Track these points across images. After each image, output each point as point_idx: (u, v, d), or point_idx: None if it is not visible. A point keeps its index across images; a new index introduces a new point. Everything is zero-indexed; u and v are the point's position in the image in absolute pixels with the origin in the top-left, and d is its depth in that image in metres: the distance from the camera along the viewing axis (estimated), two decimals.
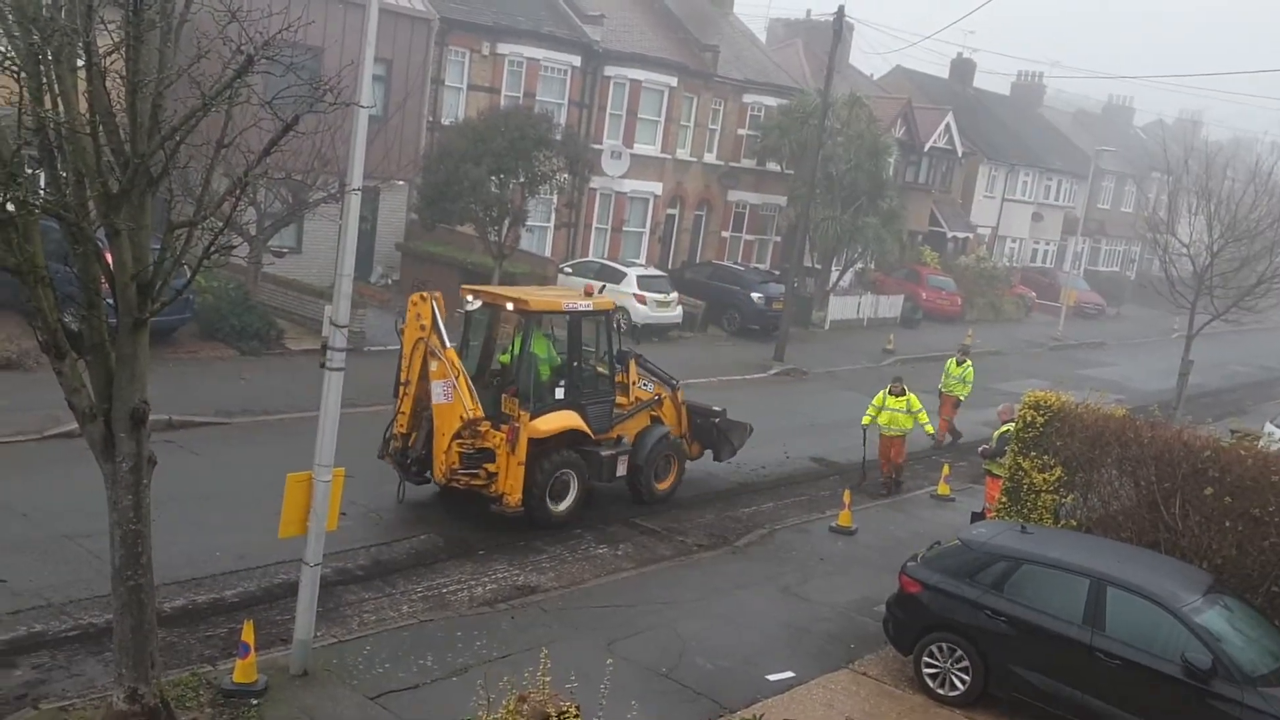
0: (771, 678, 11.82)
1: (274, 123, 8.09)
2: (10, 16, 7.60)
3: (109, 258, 8.22)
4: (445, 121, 30.55)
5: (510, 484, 14.75)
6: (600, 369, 16.52)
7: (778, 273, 37.89)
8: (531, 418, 14.89)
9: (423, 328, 14.75)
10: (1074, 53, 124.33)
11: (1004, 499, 14.54)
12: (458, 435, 14.63)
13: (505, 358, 16.04)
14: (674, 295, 32.07)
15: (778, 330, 31.64)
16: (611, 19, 35.54)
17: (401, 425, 15.28)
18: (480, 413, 14.76)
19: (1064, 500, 13.94)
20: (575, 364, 15.85)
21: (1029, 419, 14.12)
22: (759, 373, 29.49)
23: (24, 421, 16.40)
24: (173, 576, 12.15)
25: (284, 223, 24.87)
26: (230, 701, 9.77)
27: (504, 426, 14.75)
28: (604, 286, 18.05)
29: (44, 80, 7.65)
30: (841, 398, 26.44)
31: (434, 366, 14.76)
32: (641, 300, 30.97)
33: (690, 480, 18.82)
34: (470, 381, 14.90)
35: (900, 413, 19.56)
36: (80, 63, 7.68)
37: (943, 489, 19.91)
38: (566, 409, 15.60)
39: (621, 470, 16.57)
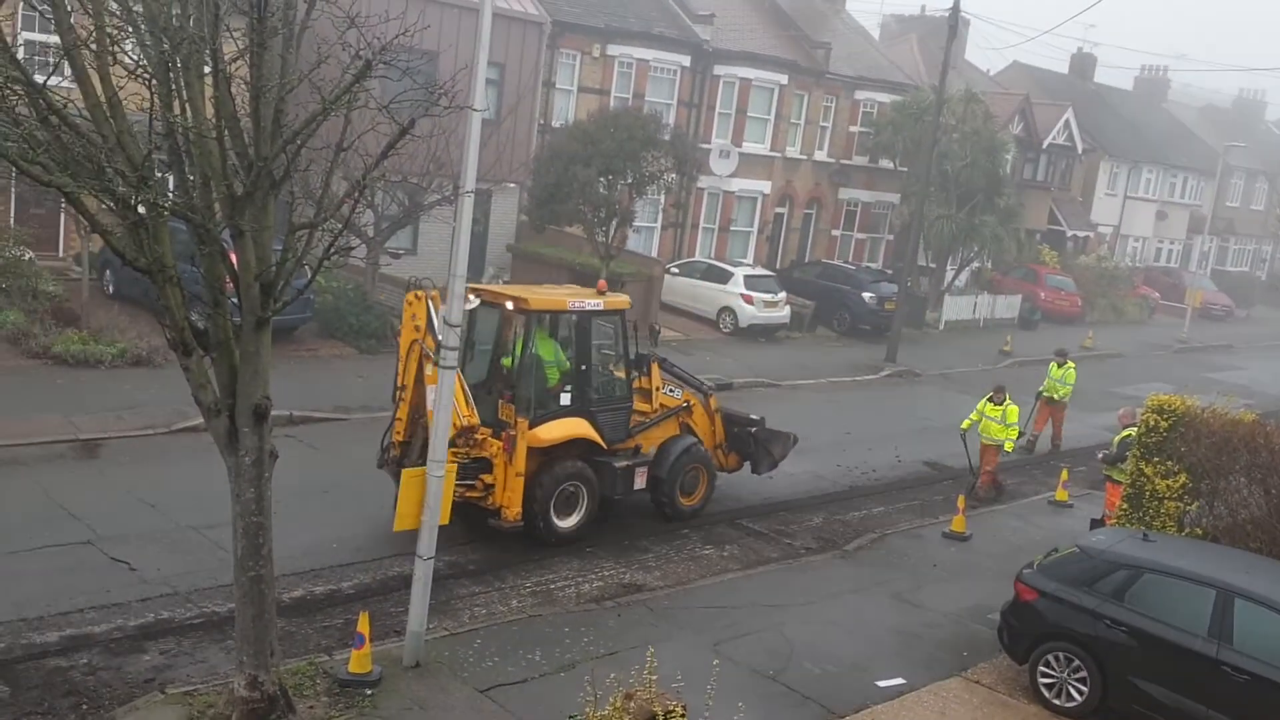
0: (881, 684, 11.64)
1: (391, 126, 8.27)
2: (143, 26, 7.93)
3: (234, 258, 8.52)
4: (556, 124, 30.85)
5: (508, 496, 13.71)
6: (618, 373, 15.31)
7: (890, 272, 37.30)
8: (532, 425, 13.82)
9: (417, 328, 13.60)
10: (1202, 45, 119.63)
11: (1125, 506, 14.08)
12: (452, 444, 13.00)
13: (508, 361, 14.83)
14: (782, 295, 31.86)
15: (890, 331, 31.17)
16: (721, 18, 35.46)
17: (399, 433, 14.18)
18: (476, 420, 13.78)
19: (1189, 508, 13.45)
20: (584, 367, 14.64)
21: (1152, 423, 13.65)
22: (870, 374, 29.08)
23: (153, 416, 17.08)
24: (292, 567, 12.50)
25: (400, 224, 25.44)
26: (346, 691, 10.01)
27: (503, 435, 13.77)
28: (623, 284, 17.41)
29: (173, 87, 7.96)
30: (956, 401, 25.88)
31: (429, 370, 13.31)
32: (749, 300, 30.86)
33: (799, 483, 18.68)
34: (466, 386, 13.74)
35: (995, 421, 18.89)
36: (207, 69, 7.97)
37: (1061, 495, 19.36)
38: (574, 416, 14.51)
39: (640, 483, 15.31)
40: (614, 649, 11.47)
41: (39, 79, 7.69)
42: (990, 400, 19.05)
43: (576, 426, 14.46)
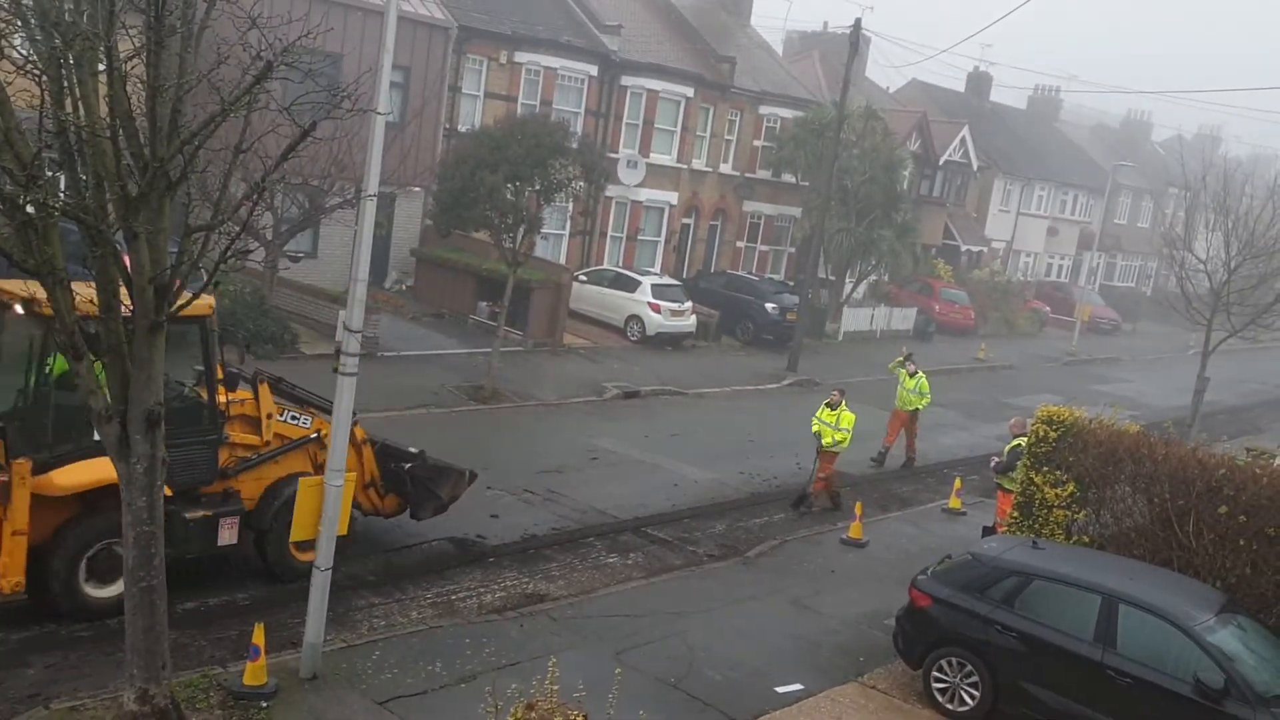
0: (780, 690, 11.80)
1: (292, 128, 8.14)
2: (33, 20, 7.67)
3: (127, 260, 8.28)
4: (462, 129, 30.65)
5: (4, 562, 10.50)
6: (200, 396, 11.96)
7: (792, 283, 37.91)
8: (42, 468, 10.67)
9: None
10: (1092, 67, 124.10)
11: (1015, 514, 14.48)
12: None
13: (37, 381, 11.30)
14: (688, 304, 32.12)
15: (791, 341, 31.63)
16: (629, 29, 35.62)
17: None
18: None
19: (1076, 516, 13.88)
20: None
21: (1041, 434, 14.07)
22: (772, 383, 29.47)
23: None
24: (184, 578, 12.18)
25: (300, 228, 24.97)
26: (240, 703, 9.80)
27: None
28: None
29: (65, 84, 7.72)
30: (854, 410, 26.35)
31: None
32: (656, 309, 31.05)
33: (703, 489, 18.83)
34: None
35: (829, 426, 18.52)
36: (101, 67, 7.74)
37: (954, 503, 19.85)
38: None
39: (228, 537, 12.06)
40: (516, 659, 11.43)
41: None
42: (827, 405, 18.78)
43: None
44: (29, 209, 7.77)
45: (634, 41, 35.79)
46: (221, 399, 12.01)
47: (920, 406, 22.28)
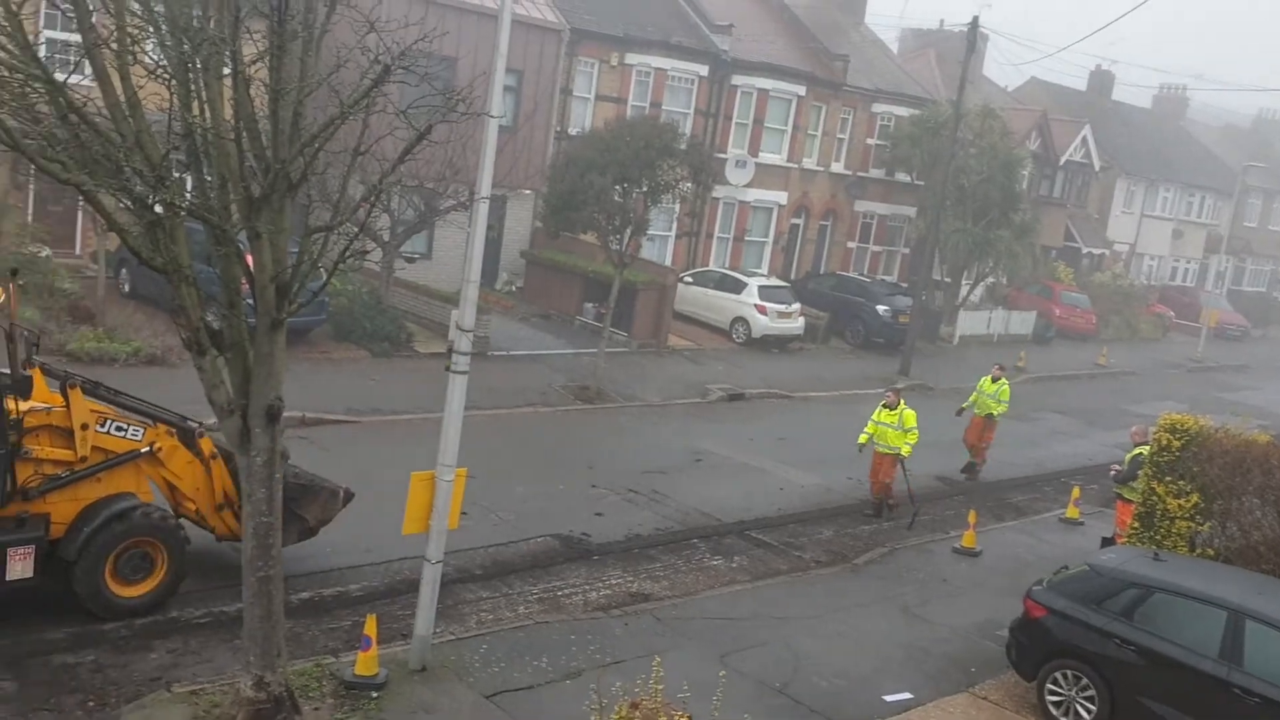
0: (888, 698, 11.60)
1: (408, 131, 8.30)
2: (164, 27, 7.97)
3: (250, 260, 8.55)
4: (572, 131, 30.92)
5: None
6: None
7: (905, 285, 37.34)
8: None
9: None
10: (1221, 66, 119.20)
11: (1136, 525, 14.01)
12: None
13: None
14: (796, 306, 31.86)
15: (904, 344, 31.12)
16: (740, 29, 35.50)
17: None
18: None
19: (1200, 528, 13.36)
20: None
21: (1164, 442, 13.57)
22: (882, 387, 28.97)
23: None
24: (301, 568, 12.53)
25: (415, 229, 25.52)
26: (351, 693, 10.02)
27: None
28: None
29: (192, 88, 8.00)
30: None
31: None
32: (763, 310, 30.86)
33: (809, 495, 18.63)
34: None
35: (890, 428, 17.77)
36: (227, 71, 8.01)
37: (1072, 512, 19.28)
38: None
39: (20, 569, 10.31)
40: (620, 657, 11.46)
41: (59, 77, 7.74)
42: (885, 406, 18.12)
43: None
44: (157, 209, 8.08)
45: (745, 41, 35.64)
46: (14, 407, 10.28)
47: (996, 413, 21.30)
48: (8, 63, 7.51)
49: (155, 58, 8.13)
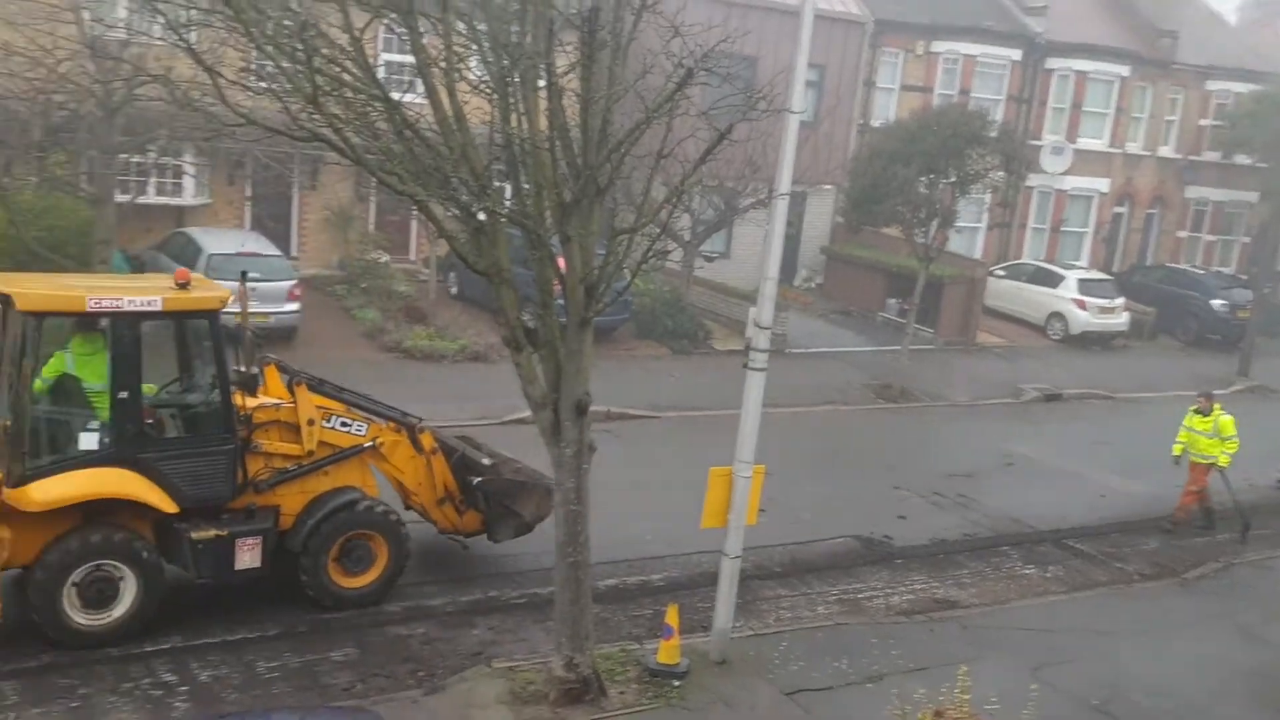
0: None
1: (710, 132, 8.43)
2: (486, 44, 8.52)
3: (561, 262, 8.98)
4: (875, 123, 30.40)
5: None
6: (205, 399, 10.88)
7: (1245, 277, 34.25)
8: (16, 482, 9.75)
9: None
10: None
11: None
12: None
13: (40, 384, 10.25)
14: (1120, 301, 29.94)
15: (1243, 341, 28.51)
16: (1055, 8, 33.71)
17: None
18: None
19: None
20: (124, 394, 10.05)
21: None
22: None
23: (488, 407, 18.25)
24: (606, 556, 12.94)
25: (715, 228, 25.91)
26: (654, 680, 10.27)
27: None
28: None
29: (511, 100, 8.49)
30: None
31: None
32: (1082, 305, 29.21)
33: (1135, 503, 17.41)
34: None
35: (1204, 435, 16.18)
36: (541, 83, 8.44)
37: None
38: (109, 465, 10.06)
39: (249, 560, 10.61)
40: (924, 664, 11.13)
41: (395, 96, 8.42)
42: (1196, 412, 16.37)
43: (105, 481, 9.99)
44: (480, 216, 8.65)
45: (1060, 21, 33.80)
46: (242, 403, 10.75)
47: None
48: (352, 85, 8.25)
49: (478, 74, 8.70)
